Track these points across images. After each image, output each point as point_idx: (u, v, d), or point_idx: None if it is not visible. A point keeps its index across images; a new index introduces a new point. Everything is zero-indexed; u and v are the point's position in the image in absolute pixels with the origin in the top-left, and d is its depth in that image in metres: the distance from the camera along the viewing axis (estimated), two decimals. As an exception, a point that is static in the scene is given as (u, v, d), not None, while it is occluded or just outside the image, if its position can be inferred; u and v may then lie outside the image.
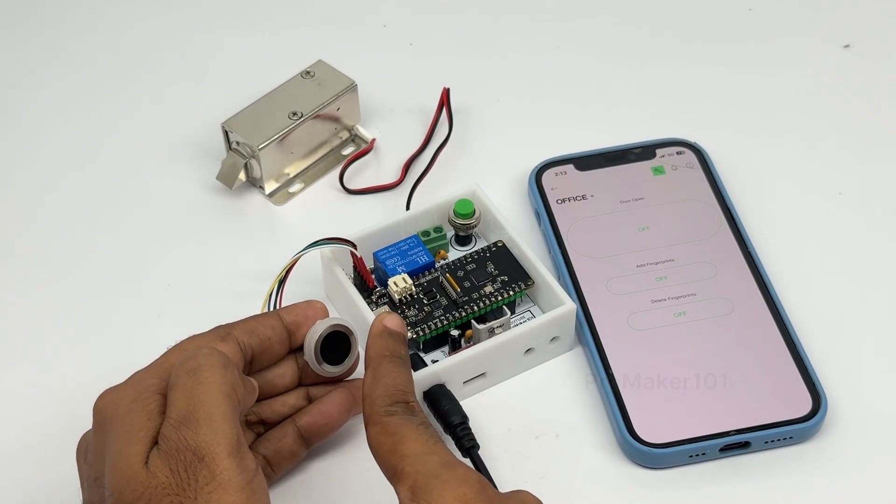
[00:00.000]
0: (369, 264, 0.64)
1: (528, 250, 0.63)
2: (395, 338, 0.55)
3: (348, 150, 0.74)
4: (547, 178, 0.70)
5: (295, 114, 0.70)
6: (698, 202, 0.69)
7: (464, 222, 0.65)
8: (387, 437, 0.50)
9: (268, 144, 0.69)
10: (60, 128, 0.76)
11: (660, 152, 0.71)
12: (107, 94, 0.78)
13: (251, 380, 0.54)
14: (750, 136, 0.74)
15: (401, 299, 0.62)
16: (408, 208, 0.69)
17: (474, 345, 0.61)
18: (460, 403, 0.59)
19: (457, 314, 0.62)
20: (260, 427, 0.58)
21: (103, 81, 0.79)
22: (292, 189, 0.72)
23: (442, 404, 0.58)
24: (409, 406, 0.51)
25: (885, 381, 0.62)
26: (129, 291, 0.67)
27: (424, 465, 0.48)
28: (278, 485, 0.58)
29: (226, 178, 0.70)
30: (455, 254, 0.66)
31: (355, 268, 0.63)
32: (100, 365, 0.63)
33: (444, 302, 0.62)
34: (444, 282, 0.63)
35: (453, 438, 0.57)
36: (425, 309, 0.62)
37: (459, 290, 0.62)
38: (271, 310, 0.60)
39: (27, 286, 0.68)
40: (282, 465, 0.58)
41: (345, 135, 0.74)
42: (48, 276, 0.68)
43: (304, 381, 0.59)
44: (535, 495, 0.49)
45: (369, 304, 0.62)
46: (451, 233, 0.67)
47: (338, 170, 0.72)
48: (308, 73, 0.72)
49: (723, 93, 0.77)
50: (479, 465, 0.56)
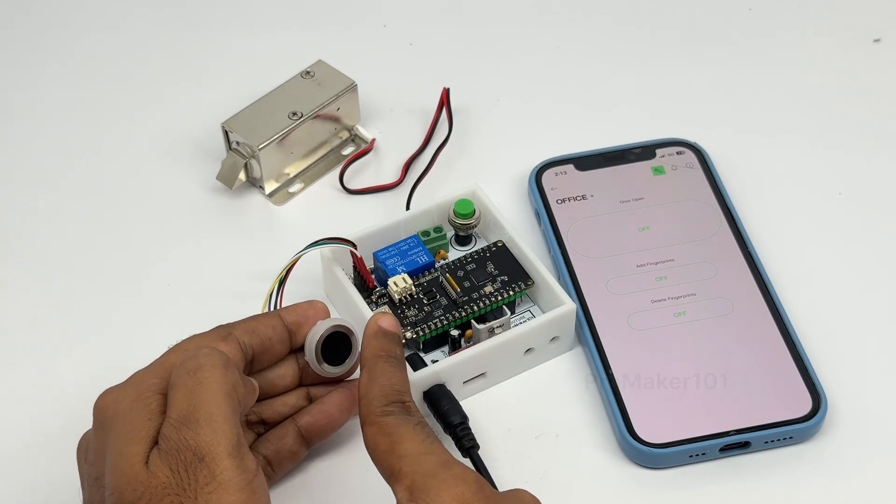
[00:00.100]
0: (369, 264, 0.64)
1: (528, 250, 0.63)
2: (390, 338, 0.55)
3: (348, 150, 0.74)
4: (547, 178, 0.70)
5: (295, 114, 0.70)
6: (698, 202, 0.69)
7: (464, 222, 0.65)
8: (383, 437, 0.50)
9: (268, 144, 0.69)
10: (60, 128, 0.76)
11: (660, 152, 0.71)
12: (107, 94, 0.78)
13: (252, 380, 0.54)
14: (750, 136, 0.74)
15: (401, 299, 0.62)
16: (408, 208, 0.69)
17: (474, 345, 0.61)
18: (460, 403, 0.59)
19: (457, 314, 0.62)
20: (260, 427, 0.58)
21: (103, 81, 0.79)
22: (292, 189, 0.72)
23: (442, 404, 0.58)
24: (406, 406, 0.52)
25: (885, 381, 0.62)
26: (129, 291, 0.67)
27: (422, 464, 0.48)
28: (278, 485, 0.58)
29: (226, 178, 0.70)
30: (455, 254, 0.66)
31: (355, 268, 0.63)
32: (100, 365, 0.63)
33: (444, 302, 0.62)
34: (444, 282, 0.63)
35: (453, 438, 0.57)
36: (425, 309, 0.62)
37: (459, 290, 0.62)
38: (272, 310, 0.60)
39: (27, 286, 0.68)
40: (282, 465, 0.58)
41: (345, 135, 0.74)
42: (48, 276, 0.68)
43: (304, 381, 0.59)
44: (533, 494, 0.50)
45: (369, 304, 0.62)
46: (451, 233, 0.67)
47: (338, 170, 0.72)
48: (308, 73, 0.73)
49: (723, 93, 0.77)
50: (479, 466, 0.56)
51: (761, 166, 0.72)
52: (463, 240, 0.67)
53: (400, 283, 0.62)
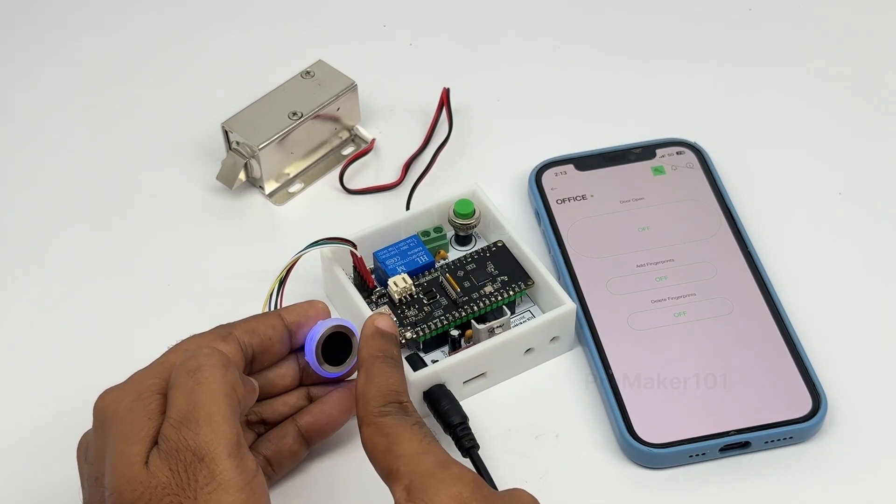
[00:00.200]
0: (369, 264, 0.64)
1: (528, 250, 0.63)
2: (387, 338, 0.55)
3: (348, 150, 0.74)
4: (547, 178, 0.70)
5: (295, 114, 0.70)
6: (698, 202, 0.69)
7: (464, 222, 0.65)
8: (381, 437, 0.50)
9: (268, 144, 0.69)
10: (60, 128, 0.76)
11: (660, 152, 0.71)
12: (107, 94, 0.78)
13: (252, 380, 0.54)
14: (750, 136, 0.74)
15: (401, 299, 0.62)
16: (408, 208, 0.69)
17: (474, 345, 0.61)
18: (460, 403, 0.59)
19: (457, 314, 0.62)
20: (260, 427, 0.58)
21: (103, 81, 0.79)
22: (292, 189, 0.72)
23: (442, 404, 0.58)
24: (403, 406, 0.52)
25: (885, 381, 0.62)
26: (129, 291, 0.67)
27: (419, 464, 0.48)
28: (278, 485, 0.58)
29: (226, 178, 0.70)
30: (455, 254, 0.66)
31: (355, 268, 0.63)
32: (100, 365, 0.63)
33: (444, 302, 0.62)
34: (444, 282, 0.63)
35: (453, 438, 0.57)
36: (425, 309, 0.62)
37: (459, 290, 0.62)
38: (272, 309, 0.60)
39: (27, 286, 0.68)
40: (282, 465, 0.58)
41: (345, 135, 0.74)
42: (48, 276, 0.68)
43: (304, 381, 0.59)
44: (531, 494, 0.50)
45: (369, 304, 0.62)
46: (451, 233, 0.67)
47: (338, 170, 0.72)
48: (308, 73, 0.73)
49: (723, 93, 0.77)
50: (478, 466, 0.56)
51: (761, 166, 0.72)
52: (463, 240, 0.67)
53: (400, 283, 0.62)
